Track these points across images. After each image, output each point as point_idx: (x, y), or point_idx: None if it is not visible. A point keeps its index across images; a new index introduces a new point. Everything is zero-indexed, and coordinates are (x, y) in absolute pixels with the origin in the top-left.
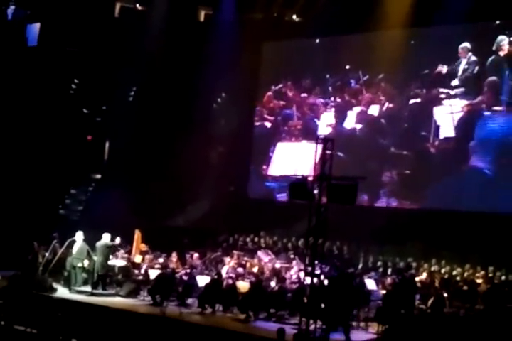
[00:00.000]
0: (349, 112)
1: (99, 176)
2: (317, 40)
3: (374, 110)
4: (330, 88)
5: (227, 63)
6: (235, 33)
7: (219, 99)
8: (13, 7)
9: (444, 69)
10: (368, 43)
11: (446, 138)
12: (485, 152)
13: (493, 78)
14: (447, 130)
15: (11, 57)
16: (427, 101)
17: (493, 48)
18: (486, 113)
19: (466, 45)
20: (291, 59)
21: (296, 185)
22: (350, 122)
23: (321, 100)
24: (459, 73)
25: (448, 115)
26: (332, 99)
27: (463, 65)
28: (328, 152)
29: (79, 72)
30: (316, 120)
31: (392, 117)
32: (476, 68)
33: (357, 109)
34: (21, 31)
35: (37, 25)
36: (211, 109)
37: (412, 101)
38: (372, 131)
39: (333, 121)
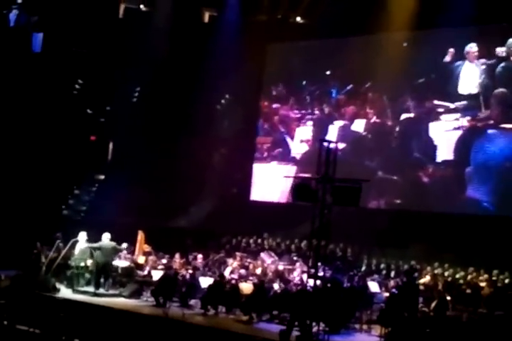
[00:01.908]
0: (330, 127)
1: (102, 177)
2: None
3: (359, 125)
4: (307, 98)
5: (231, 65)
6: (239, 35)
7: (223, 101)
8: (15, 11)
9: (437, 77)
10: (354, 46)
11: (444, 162)
12: (485, 180)
13: (503, 90)
14: (445, 152)
15: (14, 59)
16: (422, 116)
17: (503, 53)
18: (492, 131)
19: (474, 46)
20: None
21: (300, 187)
22: (331, 139)
23: (296, 112)
24: (461, 82)
25: (446, 133)
26: (309, 110)
27: (466, 71)
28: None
29: (83, 73)
30: (286, 137)
31: (380, 134)
32: (483, 77)
33: (339, 124)
34: (25, 38)
35: (41, 34)
36: (215, 110)
37: (404, 116)
38: (357, 150)
39: (309, 136)
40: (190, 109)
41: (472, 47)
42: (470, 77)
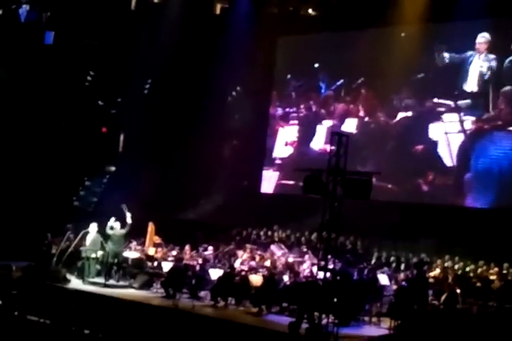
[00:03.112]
0: (318, 127)
1: (113, 168)
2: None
3: (350, 125)
4: (293, 94)
5: (242, 57)
6: (251, 27)
7: (234, 93)
8: (25, 6)
9: (440, 71)
10: (349, 39)
11: (445, 169)
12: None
13: (511, 87)
14: (447, 155)
15: (26, 51)
16: (422, 116)
17: None
18: (500, 133)
19: (487, 35)
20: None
21: (311, 179)
22: (319, 141)
23: (279, 110)
24: (466, 78)
25: (448, 135)
26: (294, 108)
27: (473, 66)
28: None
29: (94, 65)
30: (268, 138)
31: (374, 136)
32: (489, 73)
33: (328, 123)
34: (37, 33)
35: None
36: (226, 102)
37: (401, 115)
38: (348, 154)
39: (295, 138)
40: (201, 101)
41: (485, 37)
42: (476, 73)
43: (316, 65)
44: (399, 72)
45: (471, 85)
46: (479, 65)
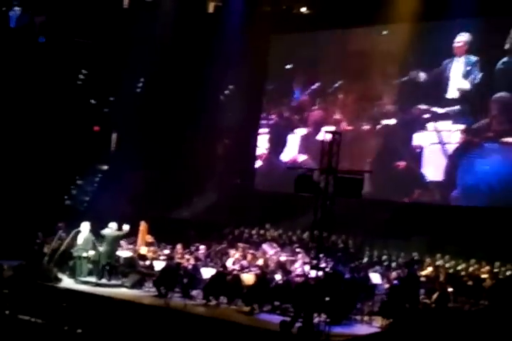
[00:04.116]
0: (289, 136)
1: (105, 167)
2: None
3: (326, 134)
4: (263, 98)
5: (235, 55)
6: (244, 25)
7: (226, 91)
8: (17, 9)
9: (424, 75)
10: (327, 38)
11: (430, 184)
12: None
13: (504, 94)
14: (432, 170)
15: (18, 49)
16: (405, 124)
17: (506, 46)
18: (492, 145)
19: (465, 36)
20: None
21: (302, 178)
22: (291, 151)
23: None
24: (452, 82)
25: (434, 146)
26: (264, 114)
27: (457, 68)
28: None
29: (87, 63)
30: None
31: (353, 146)
32: (479, 75)
33: (301, 132)
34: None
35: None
36: (218, 101)
37: (382, 123)
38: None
39: (264, 149)
40: (194, 100)
41: (465, 37)
42: (462, 76)
43: (289, 67)
44: (381, 74)
45: (458, 90)
46: (464, 67)
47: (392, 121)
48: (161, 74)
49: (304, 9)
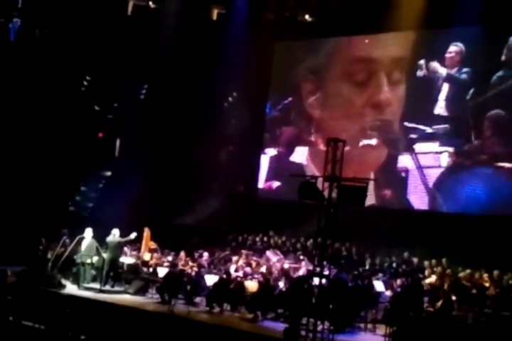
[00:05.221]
0: (262, 157)
1: (109, 173)
2: None
3: (300, 155)
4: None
5: (238, 62)
6: (248, 33)
7: (230, 99)
8: (16, 20)
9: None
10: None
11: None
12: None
13: (499, 111)
14: (418, 197)
15: (22, 54)
16: (389, 144)
17: (502, 57)
18: (486, 170)
19: (458, 46)
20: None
21: (306, 185)
22: (261, 174)
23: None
24: (442, 97)
25: (420, 170)
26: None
27: (448, 82)
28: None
29: (91, 70)
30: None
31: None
32: (471, 91)
33: (271, 152)
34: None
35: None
36: (222, 108)
37: (363, 143)
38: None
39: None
40: (197, 107)
41: (457, 47)
42: (453, 90)
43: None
44: (362, 87)
45: (448, 106)
46: (455, 79)
47: (373, 141)
48: (165, 80)
49: (307, 16)
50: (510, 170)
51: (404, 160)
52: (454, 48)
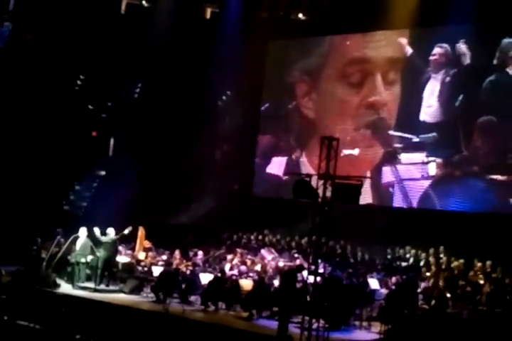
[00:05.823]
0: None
1: (103, 172)
2: None
3: (278, 165)
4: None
5: (232, 61)
6: (241, 31)
7: (224, 97)
8: (7, 24)
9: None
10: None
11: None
12: None
13: (490, 118)
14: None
15: (15, 54)
16: (372, 154)
17: (494, 61)
18: (477, 182)
19: (444, 47)
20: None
21: (301, 184)
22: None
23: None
24: (428, 103)
25: (407, 182)
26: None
27: (434, 85)
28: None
29: (85, 68)
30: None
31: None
32: (461, 97)
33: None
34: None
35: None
36: (216, 106)
37: (345, 153)
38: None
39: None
40: (191, 105)
41: (442, 48)
42: (439, 96)
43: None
44: (344, 92)
45: (435, 113)
46: (442, 84)
47: (355, 152)
48: (159, 79)
49: (301, 15)
50: (502, 182)
51: (389, 172)
52: (438, 50)
